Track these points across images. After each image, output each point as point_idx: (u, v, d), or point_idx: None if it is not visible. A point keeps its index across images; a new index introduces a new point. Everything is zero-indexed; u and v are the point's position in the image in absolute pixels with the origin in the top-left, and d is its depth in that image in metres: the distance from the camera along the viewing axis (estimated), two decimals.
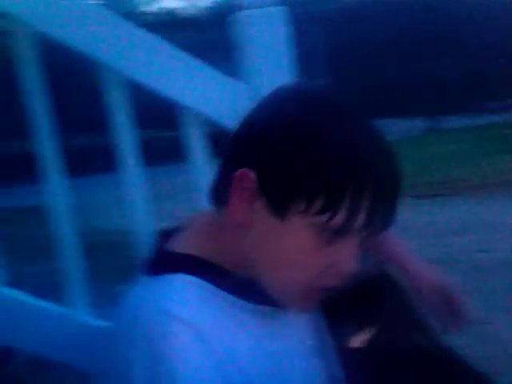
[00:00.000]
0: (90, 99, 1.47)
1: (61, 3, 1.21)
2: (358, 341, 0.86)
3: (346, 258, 0.66)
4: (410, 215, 6.10)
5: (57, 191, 1.24)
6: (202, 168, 1.25)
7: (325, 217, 0.63)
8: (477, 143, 11.27)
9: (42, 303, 1.27)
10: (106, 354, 0.69)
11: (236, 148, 0.70)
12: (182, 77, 1.23)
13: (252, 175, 0.65)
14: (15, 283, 1.38)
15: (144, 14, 18.91)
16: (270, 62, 1.23)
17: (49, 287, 1.34)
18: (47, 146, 1.22)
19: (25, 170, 1.53)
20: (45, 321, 1.24)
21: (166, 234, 0.77)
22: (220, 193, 0.71)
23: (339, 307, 0.86)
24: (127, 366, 0.61)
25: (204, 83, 1.24)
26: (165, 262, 0.71)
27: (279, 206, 0.64)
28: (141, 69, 1.23)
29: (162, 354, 0.60)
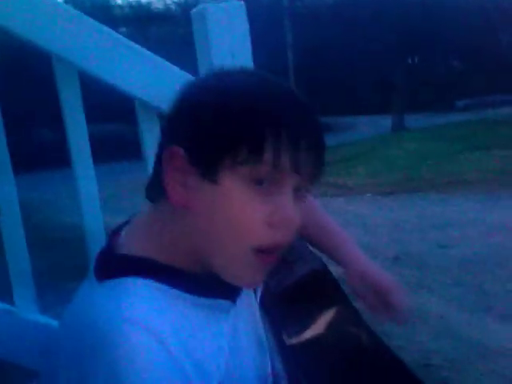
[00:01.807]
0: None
1: None
2: (297, 337, 0.87)
3: (284, 206, 0.66)
4: (371, 211, 6.22)
5: (4, 187, 1.21)
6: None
7: (251, 166, 0.64)
8: (444, 141, 11.47)
9: None
10: (55, 355, 0.66)
11: (163, 132, 0.72)
12: (123, 64, 1.22)
13: (180, 151, 0.66)
14: None
15: (119, 7, 18.63)
16: (224, 54, 1.22)
17: None
18: None
19: None
20: None
21: (115, 233, 0.75)
22: (157, 184, 0.70)
23: (279, 303, 0.86)
24: (82, 373, 0.59)
25: (144, 70, 1.23)
26: (115, 264, 0.70)
27: (209, 171, 0.65)
28: (88, 58, 1.20)
29: (123, 363, 0.58)
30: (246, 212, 0.65)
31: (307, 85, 16.43)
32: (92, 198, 1.24)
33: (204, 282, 0.69)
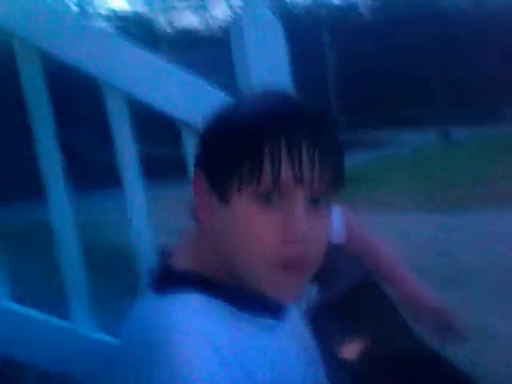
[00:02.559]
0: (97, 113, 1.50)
1: (59, 23, 1.25)
2: (347, 350, 0.87)
3: (294, 220, 0.66)
4: (418, 229, 6.05)
5: (61, 207, 1.27)
6: None
7: (254, 184, 0.66)
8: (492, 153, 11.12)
9: (47, 318, 1.29)
10: (113, 370, 0.69)
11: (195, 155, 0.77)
12: (168, 89, 1.27)
13: (202, 174, 0.71)
14: (24, 299, 1.40)
15: (165, 31, 19.12)
16: (262, 72, 1.25)
17: (56, 302, 1.36)
18: (51, 161, 1.25)
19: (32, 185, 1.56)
20: (49, 334, 1.27)
21: (169, 250, 0.79)
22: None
23: (328, 316, 0.87)
24: (146, 379, 0.62)
25: (188, 94, 1.27)
26: (168, 280, 0.73)
27: (221, 192, 0.69)
28: (136, 85, 1.26)
29: (182, 372, 0.61)
30: (257, 230, 0.67)
31: (348, 100, 16.35)
32: (141, 217, 1.29)
33: (250, 300, 0.71)
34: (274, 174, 0.65)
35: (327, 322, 0.87)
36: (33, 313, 1.29)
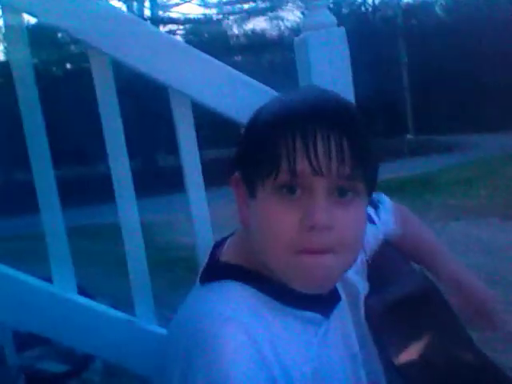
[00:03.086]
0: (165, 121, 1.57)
1: (133, 32, 1.31)
2: (403, 355, 0.87)
3: (313, 210, 0.67)
4: (495, 236, 5.81)
5: (128, 210, 1.33)
6: None
7: (274, 176, 0.68)
8: None
9: (110, 311, 1.36)
10: (163, 359, 0.73)
11: None
12: (232, 94, 1.30)
13: (237, 175, 0.75)
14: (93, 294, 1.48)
15: (235, 36, 19.40)
16: (325, 80, 1.27)
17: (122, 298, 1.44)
18: (121, 168, 1.32)
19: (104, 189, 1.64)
20: (114, 328, 1.34)
21: (218, 245, 0.83)
22: None
23: (383, 320, 0.87)
24: (186, 364, 0.66)
25: (252, 99, 1.29)
26: (215, 270, 0.77)
27: (250, 188, 0.72)
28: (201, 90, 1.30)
29: (218, 355, 0.64)
30: (278, 219, 0.69)
31: (426, 103, 15.94)
32: (204, 219, 1.34)
33: (295, 294, 0.73)
34: (289, 166, 0.67)
35: (383, 326, 0.87)
36: (96, 305, 1.36)
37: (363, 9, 19.89)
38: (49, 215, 1.33)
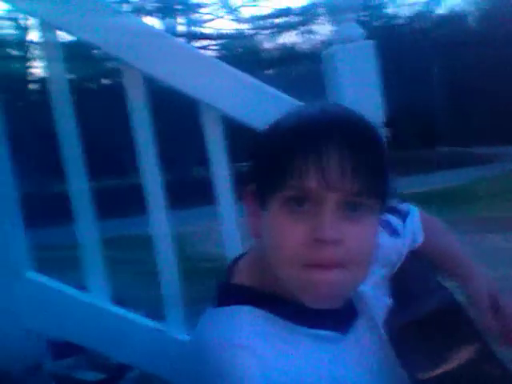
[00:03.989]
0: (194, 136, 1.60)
1: (164, 48, 1.35)
2: (427, 372, 0.86)
3: (321, 224, 0.67)
4: None
5: (159, 221, 1.36)
6: None
7: (283, 190, 0.69)
8: None
9: (142, 320, 1.38)
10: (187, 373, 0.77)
11: None
12: (260, 107, 1.32)
13: (252, 186, 0.76)
14: (125, 303, 1.51)
15: (266, 50, 19.53)
16: (352, 93, 1.28)
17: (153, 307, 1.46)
18: (152, 180, 1.35)
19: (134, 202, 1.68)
20: (145, 336, 1.36)
21: (233, 264, 0.83)
22: None
23: (406, 337, 0.87)
24: None
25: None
26: (227, 292, 0.79)
27: (262, 201, 0.73)
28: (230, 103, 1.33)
29: (227, 378, 0.66)
30: (287, 231, 0.69)
31: (461, 115, 15.71)
32: (233, 231, 1.36)
33: (308, 313, 0.72)
34: (299, 180, 0.68)
35: (406, 341, 0.87)
36: (129, 314, 1.39)
37: (395, 21, 19.78)
38: (84, 226, 1.37)
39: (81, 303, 1.37)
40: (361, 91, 1.30)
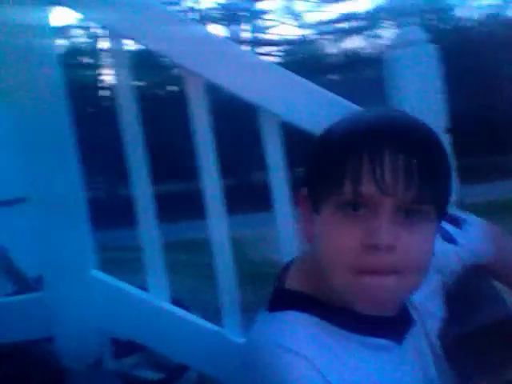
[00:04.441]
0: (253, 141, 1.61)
1: (226, 55, 1.38)
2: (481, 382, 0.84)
3: (376, 229, 0.67)
4: None
5: (218, 225, 1.39)
6: None
7: (338, 194, 0.69)
8: None
9: (200, 321, 1.41)
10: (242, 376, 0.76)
11: None
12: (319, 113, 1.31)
13: (304, 192, 0.76)
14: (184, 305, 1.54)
15: (333, 55, 19.45)
16: (414, 98, 1.26)
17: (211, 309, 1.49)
18: (211, 186, 1.38)
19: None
20: (203, 338, 1.39)
21: (287, 268, 0.84)
22: None
23: (462, 349, 0.84)
24: None
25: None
26: (280, 298, 0.79)
27: (315, 204, 0.73)
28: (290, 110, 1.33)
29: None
30: (341, 235, 0.68)
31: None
32: (290, 236, 1.36)
33: (362, 320, 0.72)
34: (355, 185, 0.68)
35: (460, 352, 0.84)
36: (187, 315, 1.42)
37: (463, 24, 19.23)
38: (146, 228, 1.41)
39: (143, 303, 1.41)
40: (423, 96, 1.28)
